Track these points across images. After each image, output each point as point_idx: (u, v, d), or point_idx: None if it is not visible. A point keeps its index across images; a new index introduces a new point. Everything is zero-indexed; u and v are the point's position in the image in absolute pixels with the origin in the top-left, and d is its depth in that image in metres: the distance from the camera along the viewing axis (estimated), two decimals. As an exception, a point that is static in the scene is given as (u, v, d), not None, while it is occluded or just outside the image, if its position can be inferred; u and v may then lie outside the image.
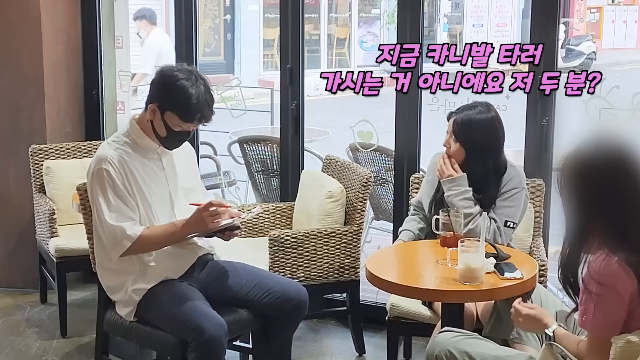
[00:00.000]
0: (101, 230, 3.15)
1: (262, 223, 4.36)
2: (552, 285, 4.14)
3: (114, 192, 3.11)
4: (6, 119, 4.91)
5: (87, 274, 4.67)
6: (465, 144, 3.41)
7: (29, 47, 4.83)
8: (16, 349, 4.21)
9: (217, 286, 3.29)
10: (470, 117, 3.40)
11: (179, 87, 3.07)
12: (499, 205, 3.40)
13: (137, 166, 3.18)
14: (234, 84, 5.46)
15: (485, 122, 3.39)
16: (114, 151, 3.16)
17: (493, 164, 3.41)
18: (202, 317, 3.03)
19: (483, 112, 3.40)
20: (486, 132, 3.39)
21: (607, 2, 19.24)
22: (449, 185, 3.43)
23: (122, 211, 3.12)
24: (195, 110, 3.08)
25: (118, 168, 3.12)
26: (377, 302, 4.40)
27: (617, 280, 2.34)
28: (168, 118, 3.12)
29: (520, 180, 3.44)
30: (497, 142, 3.42)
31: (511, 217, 3.38)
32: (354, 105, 6.35)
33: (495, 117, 3.41)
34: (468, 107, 3.45)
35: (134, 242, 3.09)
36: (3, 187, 4.98)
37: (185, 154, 3.41)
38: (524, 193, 3.44)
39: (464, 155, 3.42)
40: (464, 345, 2.70)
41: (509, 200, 3.40)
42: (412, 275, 3.20)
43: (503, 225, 3.36)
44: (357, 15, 17.28)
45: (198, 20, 4.90)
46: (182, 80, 3.08)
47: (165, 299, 3.14)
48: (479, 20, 18.46)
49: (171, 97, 3.09)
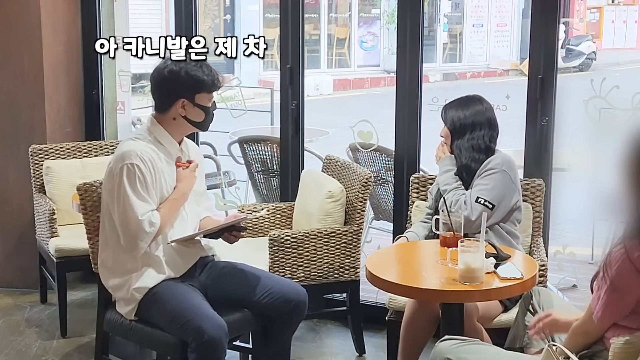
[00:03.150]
0: (125, 224, 3.14)
1: (262, 223, 4.36)
2: (551, 285, 4.15)
3: (143, 187, 3.15)
4: (6, 119, 4.91)
5: (87, 274, 4.67)
6: (448, 124, 3.59)
7: (29, 47, 4.83)
8: (16, 349, 4.21)
9: (217, 287, 3.29)
10: (452, 104, 3.62)
11: (188, 72, 3.23)
12: (475, 184, 3.50)
13: (163, 164, 3.24)
14: (234, 84, 5.46)
15: (465, 102, 3.59)
16: (144, 147, 3.20)
17: (471, 140, 3.54)
18: (202, 318, 3.03)
19: (469, 97, 3.62)
20: (464, 110, 3.57)
21: (607, 2, 19.23)
22: (439, 166, 3.61)
23: (150, 205, 3.17)
24: (211, 77, 3.26)
25: (147, 163, 3.17)
26: (377, 302, 4.40)
27: (630, 278, 2.40)
28: (200, 100, 3.25)
29: (501, 162, 3.49)
30: (474, 117, 3.56)
31: (484, 195, 3.42)
32: (354, 105, 6.36)
33: (478, 98, 3.61)
34: (458, 97, 3.66)
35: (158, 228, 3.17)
36: (3, 187, 4.98)
37: (198, 158, 3.46)
38: (504, 176, 3.47)
39: (450, 136, 3.60)
40: (463, 352, 2.70)
41: (484, 178, 3.47)
42: (412, 275, 3.20)
43: (474, 200, 3.41)
44: (357, 15, 17.28)
45: (198, 20, 4.90)
46: (184, 64, 3.25)
47: (166, 299, 3.14)
48: (479, 20, 18.46)
49: (191, 83, 3.23)
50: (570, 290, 4.62)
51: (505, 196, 3.47)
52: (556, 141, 3.96)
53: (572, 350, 2.56)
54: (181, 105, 3.24)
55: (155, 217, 3.16)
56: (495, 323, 3.38)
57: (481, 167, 3.50)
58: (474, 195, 3.43)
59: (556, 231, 5.33)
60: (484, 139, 3.54)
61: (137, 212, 3.12)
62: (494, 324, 3.38)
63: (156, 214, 3.17)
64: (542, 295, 3.07)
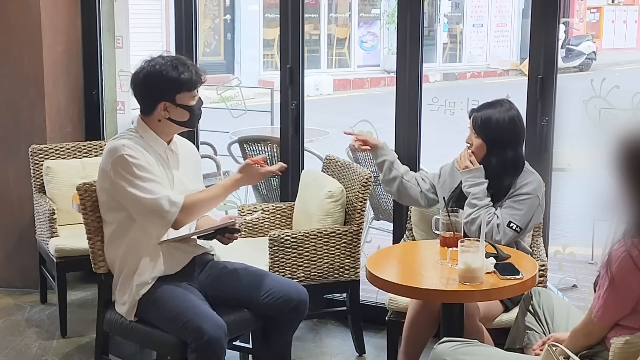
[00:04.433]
0: (143, 210, 3.12)
1: (262, 223, 4.36)
2: (551, 285, 4.15)
3: (142, 170, 3.11)
4: (6, 119, 4.91)
5: (87, 274, 4.67)
6: (486, 139, 3.46)
7: (29, 47, 4.83)
8: (16, 349, 4.21)
9: (217, 286, 3.29)
10: (490, 114, 3.46)
11: (162, 73, 3.16)
12: (508, 205, 3.41)
13: (152, 158, 3.20)
14: (234, 84, 5.46)
15: (505, 118, 3.45)
16: (128, 140, 3.18)
17: (511, 157, 3.45)
18: (202, 318, 3.03)
19: (503, 108, 3.46)
20: (506, 126, 3.44)
21: (607, 2, 19.23)
22: (466, 176, 3.48)
23: (158, 182, 3.13)
24: (188, 75, 3.18)
25: (138, 151, 3.15)
26: (377, 302, 4.40)
27: (630, 276, 2.41)
28: (181, 99, 3.20)
29: (536, 187, 3.44)
30: (516, 136, 3.48)
31: (516, 220, 3.37)
32: (354, 105, 6.36)
33: (516, 114, 3.48)
34: (488, 105, 3.50)
35: (181, 209, 3.11)
36: (3, 187, 4.98)
37: (192, 157, 3.44)
38: (537, 201, 3.43)
39: (485, 150, 3.47)
40: (461, 354, 2.71)
41: (519, 202, 3.40)
42: (412, 275, 3.21)
43: (506, 224, 3.36)
44: (357, 15, 17.29)
45: (198, 20, 4.90)
46: (158, 66, 3.17)
47: (165, 299, 3.14)
48: (479, 20, 18.48)
49: (168, 85, 3.17)
50: (570, 290, 4.61)
51: (534, 219, 3.46)
52: (556, 141, 3.96)
53: (572, 352, 2.56)
54: (163, 107, 3.19)
55: (175, 197, 3.11)
56: (496, 323, 3.38)
57: (515, 187, 3.43)
58: (506, 219, 3.37)
59: (556, 231, 5.33)
60: (521, 156, 3.50)
61: (150, 193, 3.08)
62: (495, 324, 3.38)
63: (178, 195, 3.12)
64: (542, 295, 3.07)
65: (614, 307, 2.51)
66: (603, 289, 2.51)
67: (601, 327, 2.57)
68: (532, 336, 2.99)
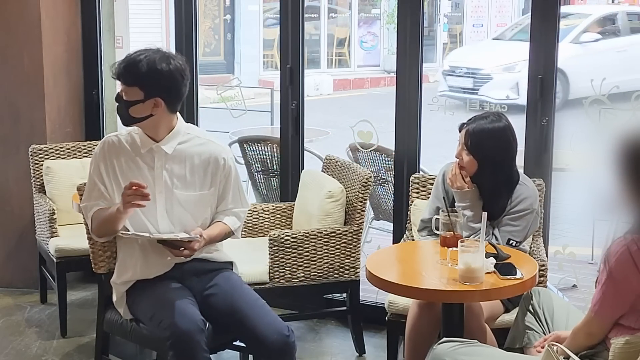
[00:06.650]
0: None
1: (262, 223, 4.36)
2: (551, 285, 4.15)
3: (97, 174, 3.23)
4: (6, 119, 4.91)
5: (87, 274, 4.68)
6: (477, 157, 3.35)
7: (29, 47, 4.83)
8: (16, 349, 4.21)
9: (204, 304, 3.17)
10: (482, 127, 3.34)
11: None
12: (505, 223, 3.37)
13: (122, 159, 3.22)
14: (234, 84, 5.46)
15: (498, 133, 3.34)
16: (112, 137, 3.29)
17: (505, 175, 3.38)
18: (176, 314, 2.97)
19: (495, 122, 3.35)
20: (499, 143, 3.34)
21: (607, 2, 19.23)
22: (459, 197, 3.40)
23: (92, 191, 3.24)
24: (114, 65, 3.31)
25: (106, 153, 3.25)
26: (377, 302, 4.40)
27: (628, 271, 2.43)
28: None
29: (532, 202, 3.38)
30: (509, 153, 3.38)
31: (515, 236, 3.35)
32: (354, 106, 6.36)
33: (508, 127, 3.36)
34: (480, 118, 3.39)
35: (92, 221, 3.22)
36: (3, 187, 4.98)
37: (203, 161, 3.25)
38: (533, 214, 3.39)
39: (476, 167, 3.36)
40: (461, 354, 2.71)
41: (517, 220, 3.36)
42: (412, 275, 3.20)
43: (505, 243, 3.33)
44: (357, 15, 17.28)
45: (198, 20, 4.90)
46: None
47: (145, 299, 3.15)
48: (479, 20, 18.46)
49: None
50: (570, 290, 4.62)
51: (531, 230, 3.44)
52: (556, 141, 3.96)
53: (573, 352, 2.56)
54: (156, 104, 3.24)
55: (91, 211, 3.22)
56: (497, 323, 3.38)
57: (511, 203, 3.37)
58: (505, 237, 3.34)
59: (556, 231, 5.33)
60: (515, 171, 3.41)
61: (84, 196, 3.27)
62: (495, 324, 3.38)
63: (94, 209, 3.21)
64: (542, 295, 3.07)
65: (612, 302, 2.51)
66: (601, 283, 2.52)
67: (601, 324, 2.57)
68: (532, 336, 2.99)
